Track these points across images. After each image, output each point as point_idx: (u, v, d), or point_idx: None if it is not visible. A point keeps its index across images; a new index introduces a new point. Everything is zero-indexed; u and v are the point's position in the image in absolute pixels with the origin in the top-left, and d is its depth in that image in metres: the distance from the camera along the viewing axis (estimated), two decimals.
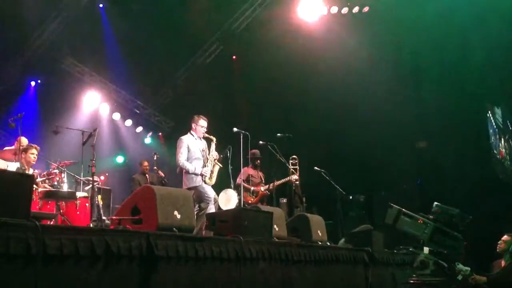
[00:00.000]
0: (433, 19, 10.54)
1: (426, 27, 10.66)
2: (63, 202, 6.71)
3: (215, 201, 6.95)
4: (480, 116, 10.76)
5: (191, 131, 7.09)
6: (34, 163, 7.09)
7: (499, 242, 6.88)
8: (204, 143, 7.14)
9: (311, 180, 9.47)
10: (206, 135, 7.14)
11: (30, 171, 6.88)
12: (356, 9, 11.26)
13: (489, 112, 10.96)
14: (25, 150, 6.94)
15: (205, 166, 6.96)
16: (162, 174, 10.38)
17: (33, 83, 11.45)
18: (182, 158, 6.82)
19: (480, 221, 6.67)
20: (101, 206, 7.58)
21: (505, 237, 6.83)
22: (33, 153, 7.00)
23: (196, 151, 6.95)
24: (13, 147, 7.15)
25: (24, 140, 7.13)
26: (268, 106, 12.31)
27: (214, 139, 7.16)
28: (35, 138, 8.66)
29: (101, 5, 11.20)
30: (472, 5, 10.02)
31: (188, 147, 6.90)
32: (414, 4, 10.52)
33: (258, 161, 9.29)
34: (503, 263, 6.84)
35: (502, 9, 9.91)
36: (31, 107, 11.12)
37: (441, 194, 9.14)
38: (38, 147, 7.15)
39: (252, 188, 9.00)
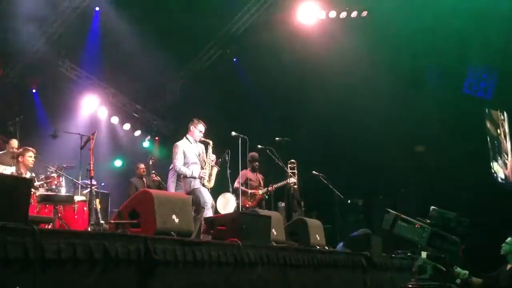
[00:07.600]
0: (432, 23, 10.55)
1: (425, 31, 10.67)
2: (61, 206, 6.70)
3: (212, 206, 6.94)
4: (478, 120, 10.77)
5: (187, 135, 7.07)
6: (32, 166, 7.06)
7: (503, 244, 6.86)
8: (200, 147, 7.13)
9: (310, 184, 9.46)
10: (203, 138, 7.13)
11: (28, 175, 6.86)
12: (354, 14, 11.28)
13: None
14: (22, 153, 6.90)
15: (203, 169, 6.95)
16: (159, 179, 10.31)
17: (34, 90, 11.43)
18: (179, 164, 6.81)
19: (479, 224, 6.67)
20: (99, 210, 7.57)
21: (509, 239, 6.82)
22: (30, 156, 6.95)
23: (192, 156, 6.93)
24: (4, 151, 7.12)
25: (14, 142, 7.08)
26: (267, 110, 12.32)
27: (211, 142, 7.15)
28: (34, 141, 8.63)
29: (97, 8, 11.17)
30: (471, 10, 10.04)
31: (184, 153, 6.87)
32: (413, 8, 10.54)
33: (257, 164, 9.19)
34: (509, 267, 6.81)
35: (501, 13, 9.93)
36: (30, 111, 11.09)
37: (439, 198, 9.13)
38: (34, 150, 7.12)
39: (250, 191, 8.97)
